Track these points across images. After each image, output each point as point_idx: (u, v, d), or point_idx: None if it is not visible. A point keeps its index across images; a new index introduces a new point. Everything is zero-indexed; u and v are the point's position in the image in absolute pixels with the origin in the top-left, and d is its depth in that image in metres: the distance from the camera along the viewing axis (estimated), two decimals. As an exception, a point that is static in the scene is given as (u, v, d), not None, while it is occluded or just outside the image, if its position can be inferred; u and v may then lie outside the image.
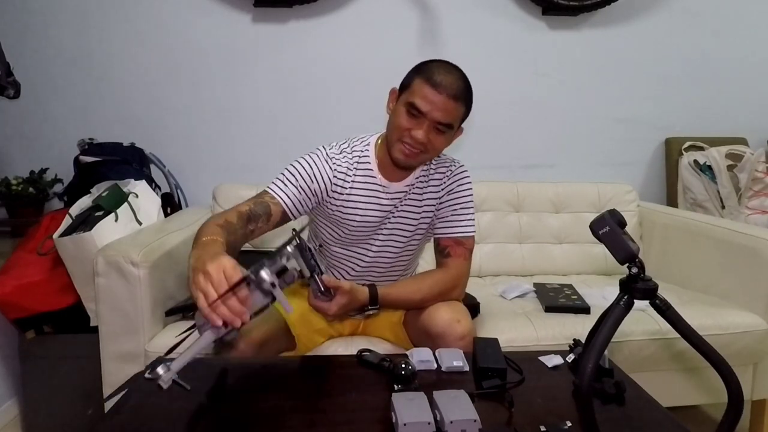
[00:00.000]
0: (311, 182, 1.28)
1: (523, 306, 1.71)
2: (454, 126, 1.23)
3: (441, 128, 1.20)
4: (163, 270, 1.51)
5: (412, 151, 1.22)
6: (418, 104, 1.18)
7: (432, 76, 1.18)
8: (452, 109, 1.19)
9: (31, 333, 1.66)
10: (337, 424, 0.90)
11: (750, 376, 1.68)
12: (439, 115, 1.18)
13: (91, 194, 1.76)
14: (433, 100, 1.17)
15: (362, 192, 1.32)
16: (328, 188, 1.30)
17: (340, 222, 1.33)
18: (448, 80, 1.18)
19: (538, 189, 2.21)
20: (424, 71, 1.20)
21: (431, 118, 1.18)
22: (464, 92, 1.21)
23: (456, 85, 1.18)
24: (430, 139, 1.21)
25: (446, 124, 1.20)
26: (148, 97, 2.19)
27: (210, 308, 0.84)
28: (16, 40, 2.05)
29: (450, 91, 1.17)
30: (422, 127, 1.19)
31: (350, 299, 1.19)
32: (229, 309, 0.84)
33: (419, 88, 1.19)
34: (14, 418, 1.81)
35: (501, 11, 2.28)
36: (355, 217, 1.32)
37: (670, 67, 2.40)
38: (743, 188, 2.25)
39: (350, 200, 1.31)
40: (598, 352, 0.84)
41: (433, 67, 1.21)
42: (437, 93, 1.17)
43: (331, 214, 1.33)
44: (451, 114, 1.20)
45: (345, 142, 1.37)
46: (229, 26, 2.18)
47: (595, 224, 0.90)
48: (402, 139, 1.22)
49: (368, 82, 2.21)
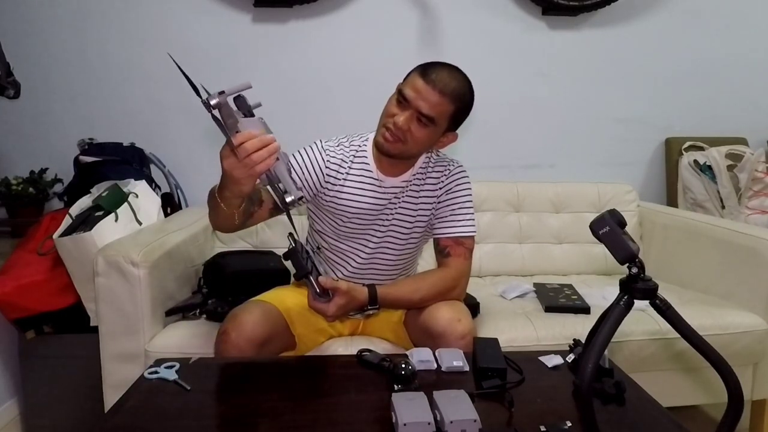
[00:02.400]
0: (302, 173, 1.31)
1: (523, 306, 1.71)
2: (436, 121, 1.22)
3: (423, 120, 1.21)
4: (163, 270, 1.51)
5: (392, 136, 1.24)
6: (406, 92, 1.21)
7: (428, 70, 1.21)
8: (437, 102, 1.20)
9: (31, 333, 1.66)
10: (337, 424, 0.90)
11: (750, 376, 1.68)
12: (422, 105, 1.19)
13: (91, 194, 1.76)
14: (420, 89, 1.19)
15: (357, 183, 1.33)
16: (321, 179, 1.33)
17: (335, 212, 1.35)
18: (441, 76, 1.20)
19: (538, 189, 2.21)
20: (424, 66, 1.23)
21: (414, 107, 1.20)
22: (456, 91, 1.21)
23: (448, 82, 1.20)
24: (410, 128, 1.22)
25: (428, 117, 1.21)
26: (148, 97, 2.19)
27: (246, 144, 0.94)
28: (16, 40, 2.05)
29: (439, 85, 1.19)
30: (405, 114, 1.21)
31: (348, 299, 1.19)
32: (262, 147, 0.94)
33: (412, 78, 1.22)
34: (14, 418, 1.81)
35: (501, 11, 2.28)
36: (350, 207, 1.33)
37: (670, 67, 2.40)
38: (743, 188, 2.25)
39: (344, 190, 1.33)
40: (598, 352, 0.84)
41: (434, 65, 1.23)
42: (426, 84, 1.19)
43: (326, 204, 1.35)
44: (435, 107, 1.20)
45: (345, 137, 1.40)
46: (229, 26, 2.18)
47: (595, 224, 0.90)
48: (386, 125, 1.25)
49: (368, 82, 2.20)
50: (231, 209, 1.10)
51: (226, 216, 1.12)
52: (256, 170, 0.96)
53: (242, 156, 0.94)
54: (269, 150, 0.95)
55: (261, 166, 0.95)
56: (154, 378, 1.05)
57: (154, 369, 1.08)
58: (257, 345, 1.20)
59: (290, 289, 1.45)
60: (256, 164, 0.95)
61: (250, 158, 0.94)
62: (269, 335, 1.24)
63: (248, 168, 0.95)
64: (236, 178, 0.99)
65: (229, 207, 1.10)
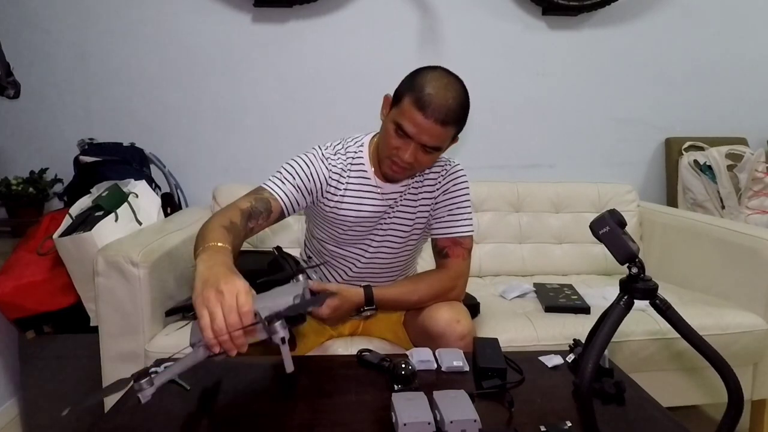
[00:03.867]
0: (308, 181, 1.27)
1: (523, 306, 1.71)
2: (442, 147, 1.20)
3: (429, 150, 1.18)
4: (163, 270, 1.51)
5: (400, 168, 1.21)
6: (406, 127, 1.15)
7: (422, 96, 1.12)
8: (440, 133, 1.15)
9: (31, 333, 1.66)
10: (337, 424, 0.90)
11: (750, 376, 1.68)
12: (426, 138, 1.15)
13: (91, 194, 1.76)
14: (420, 123, 1.13)
15: (356, 193, 1.31)
16: (323, 188, 1.30)
17: (335, 222, 1.33)
18: (438, 102, 1.12)
19: (538, 189, 2.21)
20: (416, 88, 1.14)
21: (418, 141, 1.16)
22: (455, 114, 1.14)
23: (446, 109, 1.12)
24: (417, 158, 1.19)
25: (434, 147, 1.17)
26: (148, 97, 2.19)
27: (213, 333, 0.79)
28: (16, 40, 2.06)
29: (438, 115, 1.12)
30: (409, 148, 1.17)
31: (341, 300, 1.19)
32: (232, 340, 0.80)
33: (408, 110, 1.14)
34: (14, 418, 1.81)
35: (501, 11, 2.28)
36: (350, 217, 1.31)
37: (670, 67, 2.40)
38: (743, 188, 2.25)
39: (344, 201, 1.31)
40: (598, 352, 0.84)
41: (425, 84, 1.14)
42: (425, 117, 1.12)
43: (325, 214, 1.33)
44: (439, 138, 1.16)
45: (339, 143, 1.35)
46: (229, 26, 2.18)
47: (595, 224, 0.90)
48: (390, 157, 1.21)
49: (368, 82, 2.21)
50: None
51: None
52: (221, 339, 0.81)
53: (215, 327, 0.81)
54: (232, 349, 0.82)
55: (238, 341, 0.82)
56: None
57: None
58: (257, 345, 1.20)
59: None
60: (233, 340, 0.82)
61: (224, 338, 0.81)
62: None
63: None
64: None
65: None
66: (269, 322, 0.80)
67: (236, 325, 0.80)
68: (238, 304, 0.80)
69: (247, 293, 0.82)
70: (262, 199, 1.21)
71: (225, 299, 0.80)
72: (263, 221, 1.20)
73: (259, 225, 1.19)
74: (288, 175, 1.26)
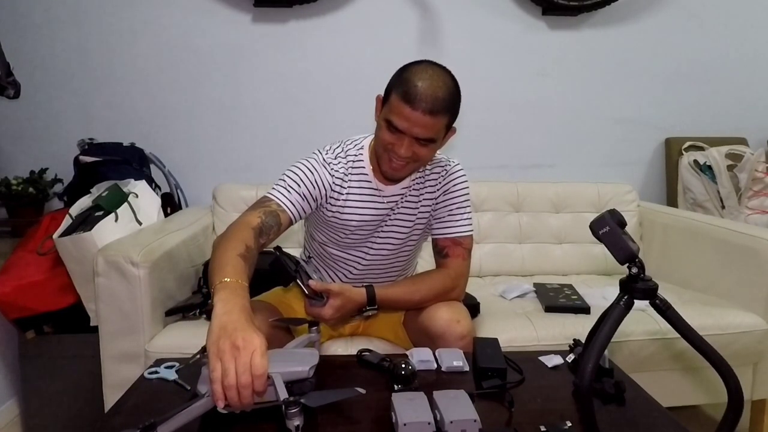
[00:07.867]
0: (313, 189, 1.26)
1: (523, 306, 1.71)
2: (436, 138, 1.19)
3: (423, 142, 1.17)
4: (163, 270, 1.51)
5: (398, 164, 1.21)
6: (396, 122, 1.14)
7: (408, 89, 1.11)
8: (431, 124, 1.14)
9: (31, 333, 1.66)
10: (337, 424, 0.90)
11: (750, 376, 1.68)
12: (417, 131, 1.14)
13: (91, 194, 1.76)
14: (409, 117, 1.12)
15: (358, 197, 1.31)
16: (327, 194, 1.29)
17: (337, 227, 1.33)
18: (425, 94, 1.11)
19: (538, 189, 2.21)
20: (402, 83, 1.13)
21: (410, 134, 1.15)
22: (444, 103, 1.13)
23: (432, 98, 1.11)
24: (414, 151, 1.18)
25: (427, 138, 1.17)
26: (148, 97, 2.19)
27: (222, 388, 0.76)
28: (16, 40, 2.05)
29: (427, 106, 1.11)
30: (404, 143, 1.16)
31: (344, 300, 1.19)
32: (241, 398, 0.76)
33: (396, 105, 1.13)
34: (14, 418, 1.81)
35: (501, 11, 2.28)
36: (352, 222, 1.31)
37: (670, 67, 2.40)
38: (743, 188, 2.25)
39: (347, 206, 1.30)
40: (598, 352, 0.84)
41: (411, 77, 1.13)
42: (413, 110, 1.11)
43: (327, 219, 1.32)
44: (431, 129, 1.15)
45: (338, 145, 1.34)
46: (229, 26, 2.18)
47: (595, 224, 0.90)
48: (387, 153, 1.21)
49: (368, 82, 2.20)
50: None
51: None
52: (229, 395, 0.77)
53: (226, 384, 0.77)
54: (238, 407, 0.79)
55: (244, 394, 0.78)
56: (154, 378, 1.05)
57: (154, 369, 1.08)
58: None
59: (290, 290, 1.45)
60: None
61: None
62: (269, 335, 1.24)
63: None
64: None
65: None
66: (286, 406, 0.78)
67: (247, 387, 0.76)
68: (252, 364, 0.76)
69: (263, 355, 0.78)
70: (271, 213, 1.19)
71: (241, 356, 0.76)
72: (274, 235, 1.19)
73: (270, 239, 1.18)
74: (293, 183, 1.25)
